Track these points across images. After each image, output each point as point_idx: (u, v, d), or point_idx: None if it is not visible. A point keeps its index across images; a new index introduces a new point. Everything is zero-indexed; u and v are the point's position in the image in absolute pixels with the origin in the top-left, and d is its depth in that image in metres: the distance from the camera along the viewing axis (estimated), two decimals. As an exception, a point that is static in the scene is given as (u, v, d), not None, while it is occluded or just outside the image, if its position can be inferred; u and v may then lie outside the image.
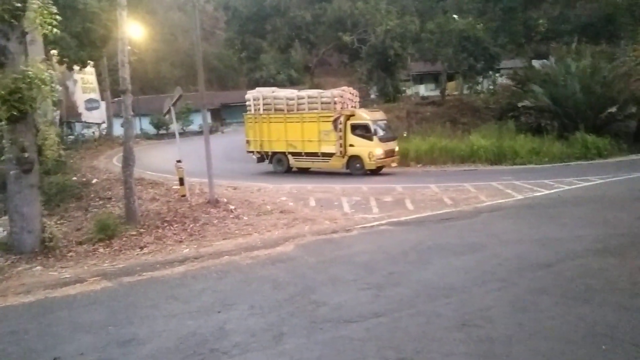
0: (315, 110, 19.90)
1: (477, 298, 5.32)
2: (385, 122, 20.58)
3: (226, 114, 56.79)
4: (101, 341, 4.87)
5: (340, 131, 19.14)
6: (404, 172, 18.90)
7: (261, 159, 21.45)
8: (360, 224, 9.72)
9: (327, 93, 20.29)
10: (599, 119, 24.61)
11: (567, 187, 13.28)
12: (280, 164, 20.80)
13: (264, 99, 20.87)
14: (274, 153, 20.84)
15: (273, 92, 21.61)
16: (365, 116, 19.69)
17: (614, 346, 4.02)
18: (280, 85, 53.70)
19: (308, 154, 20.10)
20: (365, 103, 34.87)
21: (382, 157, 19.13)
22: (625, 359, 3.83)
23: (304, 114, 20.11)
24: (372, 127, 19.13)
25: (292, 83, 50.23)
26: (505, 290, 5.54)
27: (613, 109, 24.14)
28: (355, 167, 19.30)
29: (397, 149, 20.32)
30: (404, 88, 30.39)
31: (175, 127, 16.59)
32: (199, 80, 12.96)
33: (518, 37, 31.62)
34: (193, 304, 5.75)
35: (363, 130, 19.24)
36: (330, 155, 19.51)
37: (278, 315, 5.19)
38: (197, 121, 37.42)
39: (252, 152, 21.54)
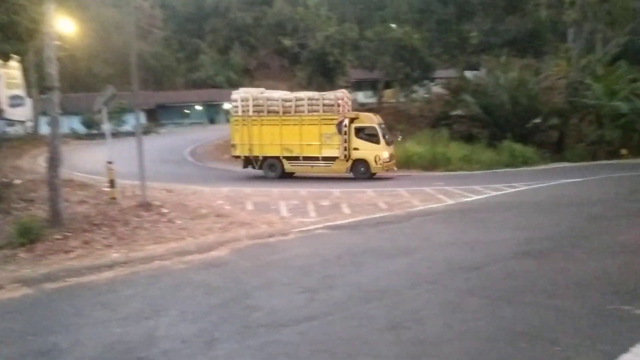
0: (317, 113, 19.10)
1: (408, 300, 5.44)
2: (384, 125, 20.08)
3: (162, 114, 55.14)
4: (18, 352, 4.57)
5: (345, 134, 18.67)
6: (342, 177, 19.09)
7: (248, 164, 20.10)
8: (297, 228, 9.72)
9: (331, 95, 19.69)
10: (525, 128, 26.04)
11: (495, 193, 13.92)
12: (273, 169, 19.63)
13: (254, 99, 19.61)
14: (266, 158, 19.61)
15: (262, 92, 20.45)
16: (372, 119, 19.55)
17: (532, 344, 4.22)
18: (220, 87, 53.06)
19: (307, 158, 19.25)
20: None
21: (388, 160, 19.00)
22: (541, 355, 4.04)
23: (303, 117, 19.15)
24: (379, 130, 19.04)
25: (231, 85, 49.60)
26: (435, 292, 5.71)
27: (538, 120, 25.63)
28: (359, 171, 18.92)
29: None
30: (343, 94, 30.85)
31: (106, 127, 15.93)
32: (132, 79, 12.52)
33: (452, 48, 32.91)
34: (121, 311, 5.52)
35: (369, 134, 19.07)
36: (333, 159, 18.98)
37: (210, 320, 5.08)
38: (131, 121, 36.17)
39: (239, 156, 20.17)
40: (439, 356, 4.09)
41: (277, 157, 19.47)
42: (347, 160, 18.89)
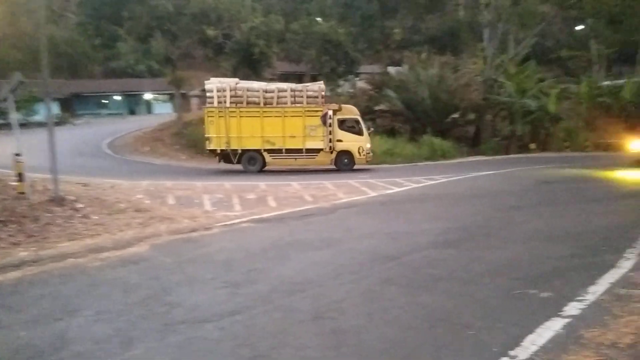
0: (300, 105, 18.89)
1: (332, 291, 5.50)
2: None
3: (78, 104, 52.24)
4: None
5: (330, 126, 18.82)
6: (269, 170, 19.00)
7: (225, 158, 19.22)
8: (221, 222, 9.54)
9: (314, 87, 19.62)
10: (444, 123, 27.15)
11: (415, 185, 14.42)
12: (252, 163, 19.11)
13: (231, 90, 18.73)
14: (245, 151, 18.98)
15: (237, 83, 19.52)
16: (354, 111, 19.96)
17: (448, 329, 4.41)
18: (141, 76, 50.93)
19: (289, 151, 18.95)
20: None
21: (369, 152, 19.48)
22: (456, 340, 4.22)
23: (287, 108, 18.83)
24: (362, 121, 19.53)
25: (152, 75, 47.83)
26: (357, 282, 5.81)
27: (456, 115, 26.81)
28: (343, 163, 19.27)
29: None
30: (269, 86, 30.67)
31: (13, 116, 14.78)
32: (42, 66, 11.69)
33: (376, 44, 33.64)
34: (29, 313, 5.14)
35: (351, 125, 19.36)
36: (317, 151, 19.05)
37: (128, 319, 4.87)
38: (43, 111, 33.93)
39: (214, 150, 19.14)
40: (360, 345, 4.16)
41: (258, 150, 18.98)
42: (332, 152, 19.15)
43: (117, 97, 54.65)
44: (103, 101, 54.86)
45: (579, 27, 44.07)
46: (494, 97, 31.01)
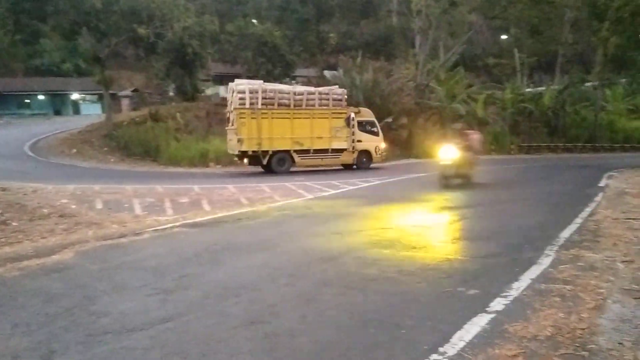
0: (326, 107, 20.07)
1: (266, 295, 5.45)
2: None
3: (-2, 103, 49.11)
4: None
5: (353, 127, 20.55)
6: (203, 173, 18.63)
7: (254, 160, 19.34)
8: (152, 227, 9.24)
9: (338, 90, 21.15)
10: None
11: (351, 187, 14.62)
12: (282, 164, 19.51)
13: (262, 91, 18.96)
14: (275, 152, 19.28)
15: (262, 85, 19.87)
16: (371, 113, 21.92)
17: (380, 329, 4.48)
18: (67, 75, 48.48)
19: (317, 151, 19.96)
20: (163, 100, 33.53)
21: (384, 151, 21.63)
22: (388, 339, 4.29)
23: (314, 110, 19.80)
24: (377, 123, 21.68)
25: (79, 74, 45.70)
26: (292, 284, 5.79)
27: (389, 119, 27.43)
28: (362, 162, 21.11)
29: None
30: (203, 88, 30.06)
31: None
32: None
33: (312, 47, 33.87)
34: None
35: (369, 127, 21.29)
36: (341, 151, 20.49)
37: (49, 331, 4.59)
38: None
39: (246, 152, 19.04)
40: (293, 348, 4.14)
41: (287, 151, 19.51)
42: (353, 152, 20.70)
43: (41, 97, 51.75)
44: (26, 101, 51.79)
45: (504, 37, 46.46)
46: (425, 102, 32.08)
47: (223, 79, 42.91)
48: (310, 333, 4.42)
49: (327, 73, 36.27)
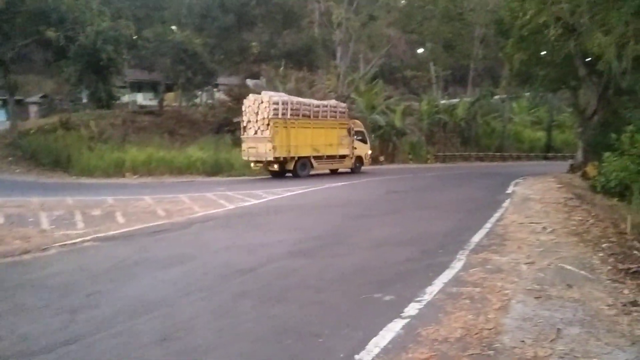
0: (334, 119, 23.46)
1: (181, 309, 5.26)
2: None
3: None
4: None
5: (353, 136, 24.24)
6: (116, 184, 17.81)
7: (282, 166, 21.37)
8: (61, 242, 8.64)
9: (342, 104, 24.94)
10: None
11: (274, 197, 14.55)
12: (303, 168, 22.03)
13: (290, 103, 21.44)
14: (300, 158, 21.69)
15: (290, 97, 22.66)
16: (361, 124, 25.52)
17: (298, 338, 4.46)
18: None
19: (329, 157, 23.19)
20: (76, 107, 31.78)
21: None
22: (305, 348, 4.28)
23: (327, 121, 23.13)
24: (366, 133, 25.64)
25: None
26: (209, 298, 5.63)
27: (313, 129, 27.61)
28: (356, 166, 24.77)
29: None
30: (119, 95, 28.80)
31: None
32: None
33: (234, 56, 33.55)
34: None
35: (361, 136, 25.01)
36: (344, 157, 23.99)
37: None
38: None
39: (278, 158, 20.95)
40: (208, 363, 4.02)
41: (308, 157, 22.19)
42: (352, 158, 24.27)
43: None
44: None
45: (420, 50, 48.54)
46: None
47: (141, 87, 41.51)
48: (226, 347, 4.30)
49: (249, 82, 36.07)
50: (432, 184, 20.77)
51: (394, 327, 4.68)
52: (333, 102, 25.00)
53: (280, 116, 20.83)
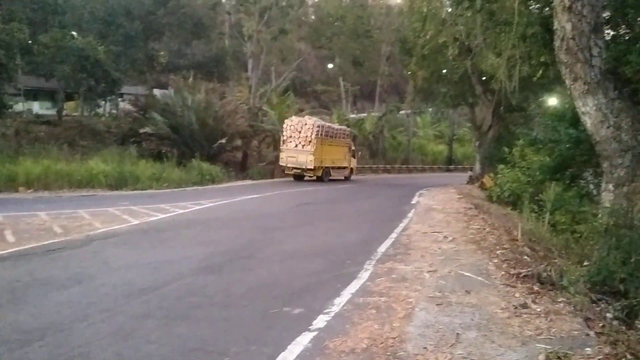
0: (343, 139, 31.67)
1: (77, 334, 4.91)
2: None
3: None
4: None
5: (352, 152, 33.15)
6: (7, 199, 16.40)
7: (312, 172, 28.27)
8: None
9: (348, 129, 33.77)
10: (212, 148, 27.39)
11: (181, 211, 14.09)
12: (326, 175, 29.12)
13: (325, 127, 29.35)
14: (325, 167, 29.05)
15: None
16: (352, 144, 33.85)
17: (203, 358, 4.34)
18: None
19: (339, 168, 31.08)
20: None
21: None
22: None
23: (340, 140, 31.11)
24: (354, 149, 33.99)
25: None
26: (109, 320, 5.31)
27: (223, 141, 27.28)
28: (349, 176, 32.78)
29: None
30: (11, 103, 26.54)
31: None
32: None
33: (140, 65, 32.30)
34: None
35: (352, 153, 33.40)
36: (346, 168, 32.22)
37: None
38: None
39: (315, 167, 27.74)
40: (106, 391, 3.78)
41: (329, 167, 29.52)
42: (349, 169, 32.83)
43: None
44: None
45: (330, 65, 49.74)
46: (258, 125, 32.67)
47: (37, 95, 38.67)
48: (125, 372, 4.08)
49: (157, 92, 34.88)
50: (342, 195, 21.21)
51: (302, 341, 4.70)
52: (344, 127, 33.42)
53: (319, 136, 27.97)
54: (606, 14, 8.96)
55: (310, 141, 27.57)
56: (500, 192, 17.93)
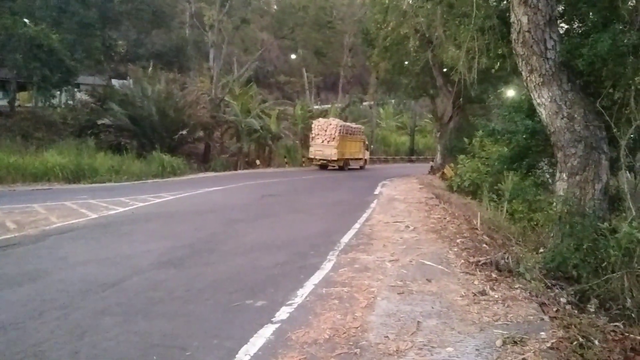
0: (358, 135, 37.21)
1: (31, 333, 4.75)
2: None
3: None
4: None
5: (366, 146, 39.12)
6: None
7: (335, 163, 33.78)
8: None
9: (362, 127, 39.60)
10: (173, 140, 26.90)
11: (141, 204, 13.79)
12: (346, 165, 34.50)
13: (345, 126, 34.81)
14: (345, 159, 34.34)
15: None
16: (366, 139, 39.98)
17: (163, 354, 4.26)
18: None
19: (356, 159, 36.97)
20: None
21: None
22: (172, 363, 4.11)
23: (356, 136, 36.51)
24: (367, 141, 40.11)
25: None
26: (65, 317, 5.16)
27: (184, 132, 26.82)
28: (363, 165, 38.90)
29: None
30: (-42, 93, 25.36)
31: None
32: None
33: (97, 54, 31.21)
34: None
35: (366, 147, 39.05)
36: (361, 159, 38.17)
37: None
38: None
39: (337, 159, 33.19)
40: (61, 391, 3.68)
41: (348, 159, 35.13)
42: (363, 160, 38.76)
43: None
44: None
45: (293, 56, 49.49)
46: (221, 116, 32.25)
47: (-13, 84, 36.97)
48: (82, 370, 3.98)
49: (115, 82, 33.92)
50: (306, 187, 21.21)
51: (265, 333, 4.68)
52: (360, 126, 39.34)
53: (341, 134, 33.25)
54: (560, 8, 9.21)
55: (334, 138, 32.97)
56: (460, 182, 18.31)
